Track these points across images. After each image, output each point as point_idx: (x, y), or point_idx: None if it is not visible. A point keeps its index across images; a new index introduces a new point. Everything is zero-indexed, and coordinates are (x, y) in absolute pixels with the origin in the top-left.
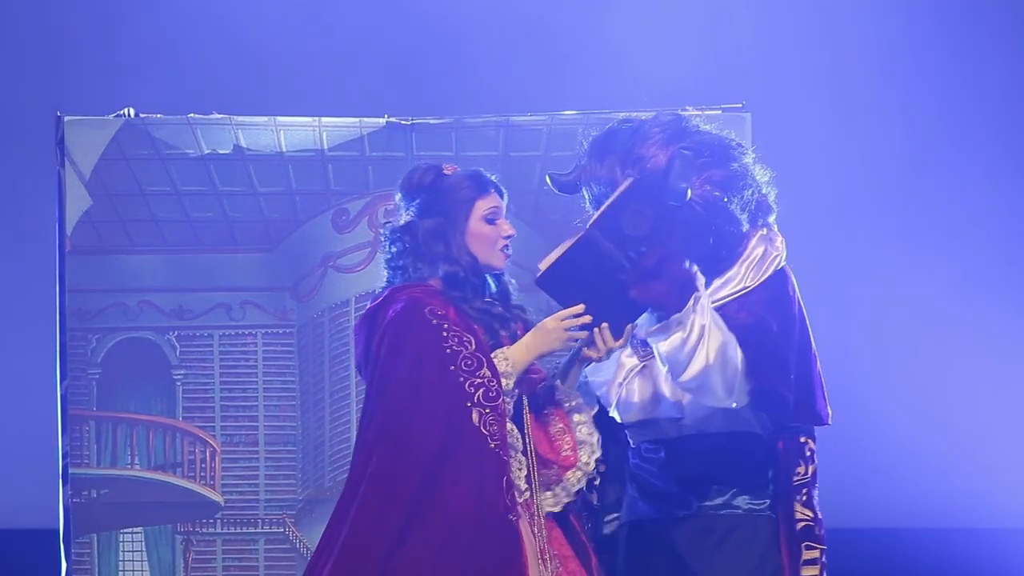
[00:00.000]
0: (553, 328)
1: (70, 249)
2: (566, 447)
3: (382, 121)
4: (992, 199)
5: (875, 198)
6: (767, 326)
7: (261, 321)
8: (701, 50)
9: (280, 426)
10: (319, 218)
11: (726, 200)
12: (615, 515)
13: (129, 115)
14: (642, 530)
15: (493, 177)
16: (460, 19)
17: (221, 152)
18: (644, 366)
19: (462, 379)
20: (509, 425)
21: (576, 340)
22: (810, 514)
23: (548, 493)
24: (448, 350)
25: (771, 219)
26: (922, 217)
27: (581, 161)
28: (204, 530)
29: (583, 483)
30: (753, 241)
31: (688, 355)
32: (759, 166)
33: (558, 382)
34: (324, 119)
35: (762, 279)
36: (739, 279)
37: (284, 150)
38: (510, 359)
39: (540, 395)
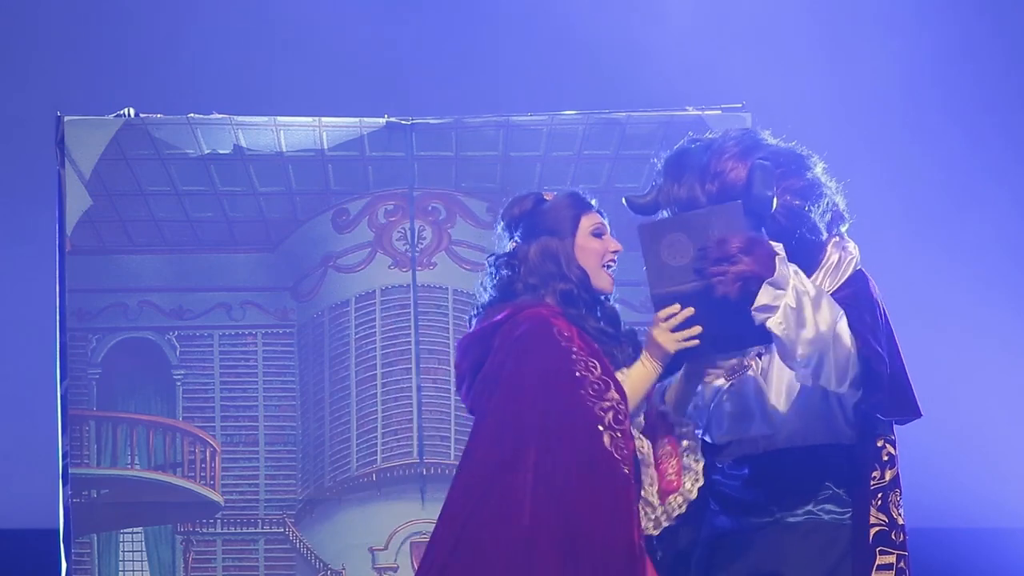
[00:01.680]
0: (662, 337)
1: (70, 249)
2: (671, 471)
3: (382, 121)
4: (997, 196)
5: (876, 197)
6: (860, 318)
7: (261, 321)
8: (701, 50)
9: (280, 426)
10: (319, 218)
11: (807, 209)
12: (689, 530)
13: (129, 115)
14: (722, 543)
15: (593, 202)
16: (460, 19)
17: (221, 152)
18: (732, 385)
19: (591, 403)
20: (638, 442)
21: (686, 341)
22: (884, 519)
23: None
24: (577, 374)
25: (843, 228)
26: (924, 216)
27: (657, 181)
28: (204, 530)
29: (684, 508)
30: (829, 248)
31: (799, 323)
32: (826, 175)
33: (669, 406)
34: (324, 119)
35: (840, 281)
36: (819, 284)
37: (284, 150)
38: (629, 378)
39: (651, 417)
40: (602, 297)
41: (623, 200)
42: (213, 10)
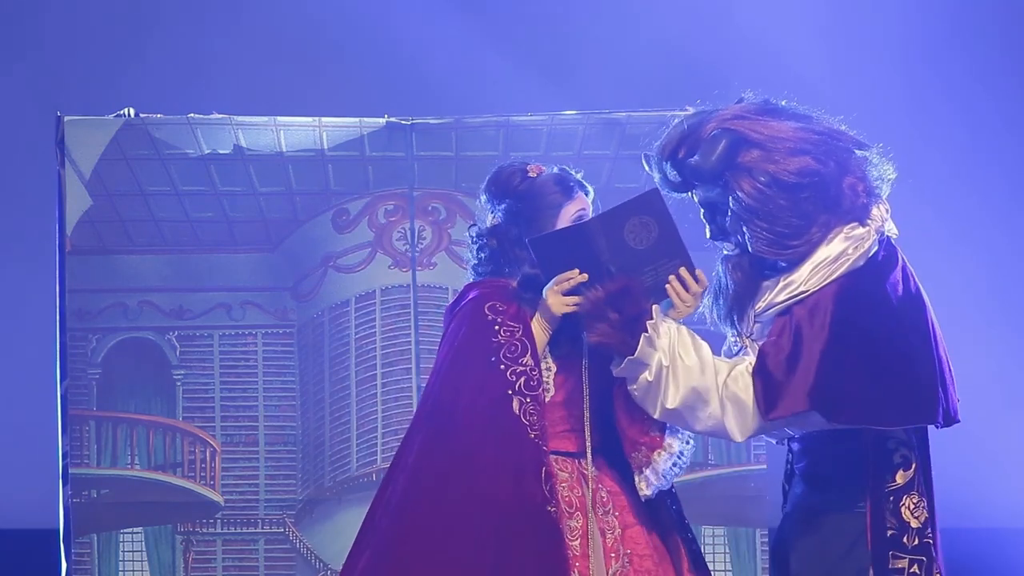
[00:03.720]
0: (549, 295)
1: (70, 249)
2: (654, 428)
3: (382, 121)
4: (1001, 190)
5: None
6: (821, 325)
7: (261, 321)
8: (701, 50)
9: (280, 426)
10: (319, 218)
11: (781, 191)
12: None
13: (129, 115)
14: (780, 525)
15: (579, 175)
16: (460, 19)
17: (221, 152)
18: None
19: (503, 367)
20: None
21: (575, 306)
22: (895, 522)
23: (639, 477)
24: (494, 341)
25: (877, 214)
26: (924, 216)
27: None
28: (204, 530)
29: (671, 465)
30: (834, 242)
31: (654, 396)
32: (882, 162)
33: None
34: (324, 119)
35: (826, 282)
36: (802, 281)
37: (284, 150)
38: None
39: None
40: None
41: (642, 158)
42: (213, 10)
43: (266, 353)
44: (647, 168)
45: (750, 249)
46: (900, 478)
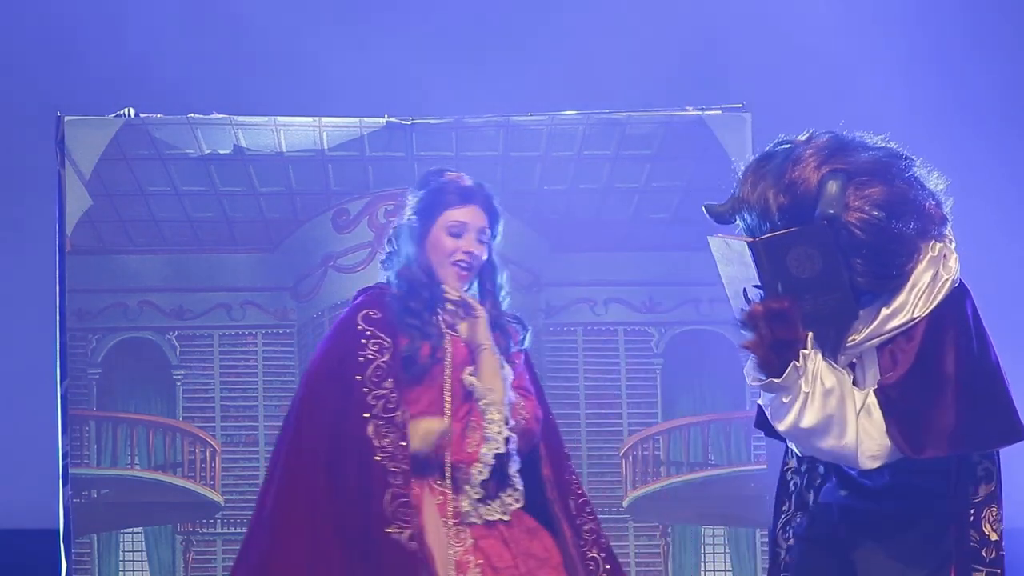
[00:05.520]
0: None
1: (70, 249)
2: (473, 444)
3: (382, 121)
4: (1005, 190)
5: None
6: (930, 361)
7: (261, 321)
8: (701, 50)
9: (280, 426)
10: (319, 218)
11: (890, 220)
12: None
13: (129, 115)
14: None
15: (496, 200)
16: (460, 19)
17: (221, 152)
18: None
19: (366, 390)
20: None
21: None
22: (976, 536)
23: (465, 496)
24: (361, 358)
25: (947, 231)
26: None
27: (736, 190)
28: (204, 530)
29: (483, 474)
30: (923, 264)
31: (785, 413)
32: (932, 174)
33: (475, 380)
34: (324, 119)
35: (935, 303)
36: (908, 308)
37: (284, 150)
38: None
39: (460, 393)
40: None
41: (703, 208)
42: (213, 10)
43: (266, 353)
44: (715, 220)
45: (859, 282)
46: (983, 491)
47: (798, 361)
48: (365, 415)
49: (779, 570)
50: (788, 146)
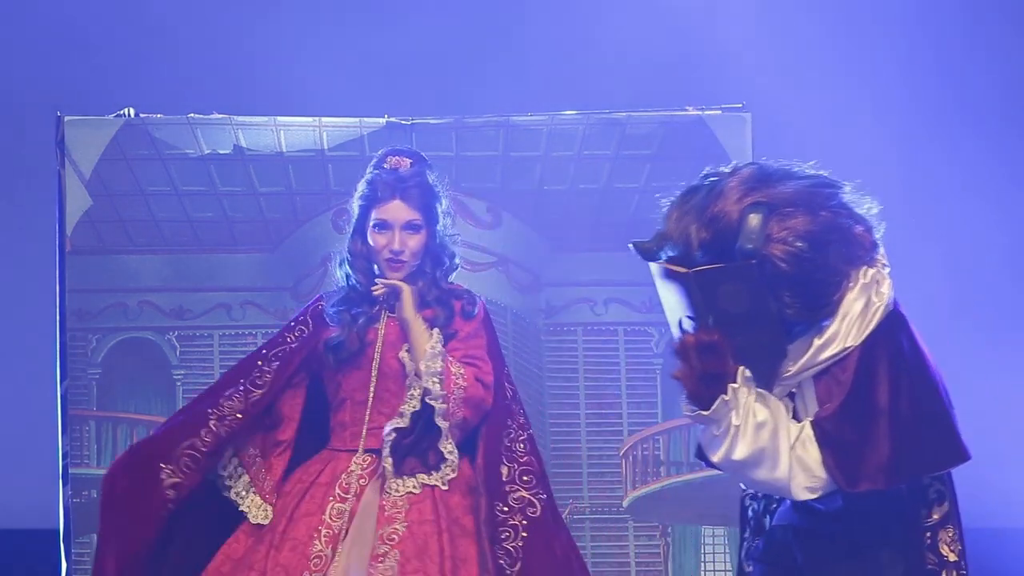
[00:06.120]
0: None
1: (70, 249)
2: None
3: (382, 121)
4: (1004, 191)
5: (876, 199)
6: (861, 392)
7: (261, 321)
8: (701, 50)
9: None
10: (319, 218)
11: (814, 250)
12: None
13: (129, 115)
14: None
15: (430, 187)
16: (460, 19)
17: (221, 152)
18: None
19: (260, 362)
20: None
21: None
22: (934, 559)
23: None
24: (280, 339)
25: (879, 255)
26: (924, 218)
27: (661, 225)
28: None
29: (386, 448)
30: (855, 292)
31: (718, 446)
32: (864, 199)
33: (405, 355)
34: (324, 119)
35: (865, 334)
36: (840, 338)
37: (284, 150)
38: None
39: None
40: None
41: (630, 246)
42: (214, 10)
43: None
44: (640, 255)
45: (788, 314)
46: (936, 514)
47: (726, 395)
48: (240, 379)
49: None
50: (714, 179)
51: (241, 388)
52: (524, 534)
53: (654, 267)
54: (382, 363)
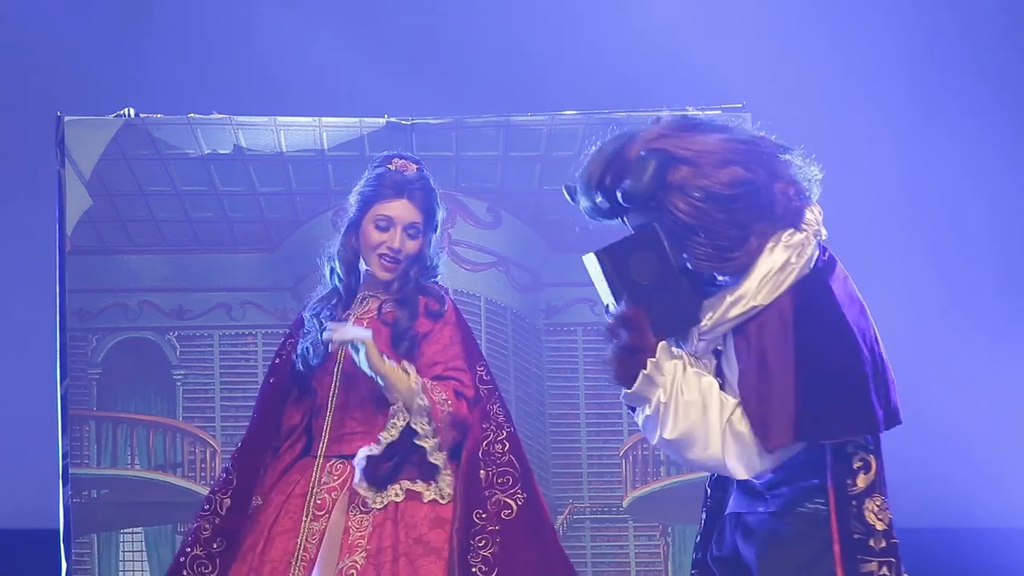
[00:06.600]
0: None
1: (70, 249)
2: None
3: (382, 121)
4: (996, 193)
5: (876, 198)
6: (773, 351)
7: (261, 321)
8: (701, 50)
9: None
10: (319, 218)
11: (715, 202)
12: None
13: (129, 115)
14: (741, 523)
15: (436, 195)
16: (460, 19)
17: (221, 152)
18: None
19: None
20: None
21: None
22: (861, 527)
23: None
24: (277, 359)
25: (810, 219)
26: (924, 217)
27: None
28: None
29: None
30: (774, 252)
31: (652, 428)
32: (808, 164)
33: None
34: (324, 119)
35: (776, 294)
36: (750, 296)
37: (284, 150)
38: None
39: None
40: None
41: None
42: (214, 10)
43: (266, 353)
44: (569, 199)
45: (690, 266)
46: (862, 482)
47: (646, 369)
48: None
49: None
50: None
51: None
52: (498, 539)
53: (584, 260)
54: (346, 366)
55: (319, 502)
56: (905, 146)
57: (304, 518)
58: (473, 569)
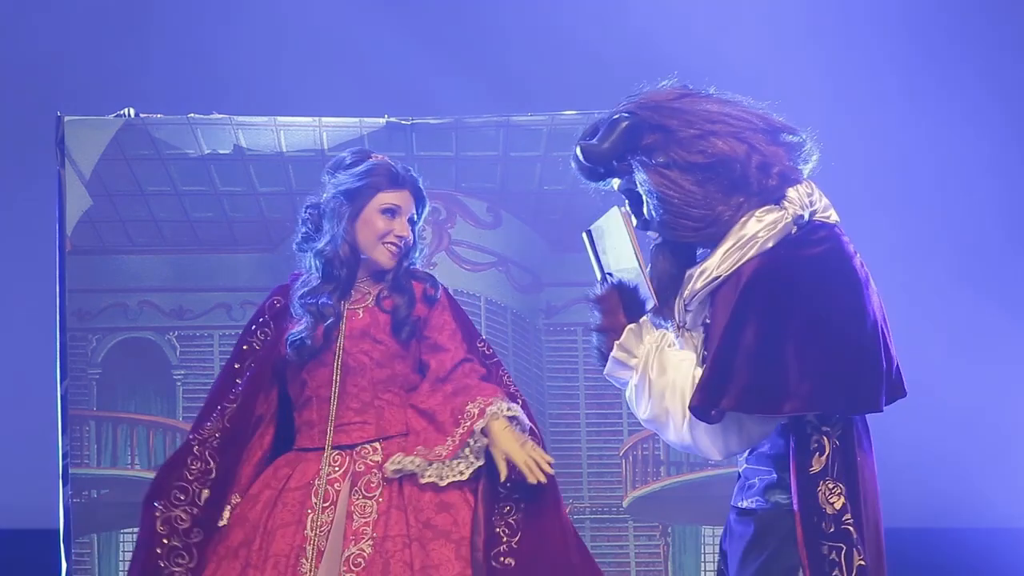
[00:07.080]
0: (517, 454)
1: (70, 249)
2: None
3: (382, 121)
4: (998, 190)
5: (876, 197)
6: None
7: None
8: (702, 50)
9: None
10: None
11: (681, 170)
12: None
13: (129, 115)
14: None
15: (420, 182)
16: (460, 19)
17: (221, 152)
18: None
19: (237, 379)
20: None
21: None
22: (815, 509)
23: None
24: (245, 346)
25: (792, 196)
26: (924, 216)
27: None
28: None
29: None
30: (743, 225)
31: (634, 406)
32: (807, 147)
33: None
34: (324, 119)
35: (735, 266)
36: (713, 267)
37: (284, 150)
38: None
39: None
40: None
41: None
42: (214, 10)
43: None
44: (573, 165)
45: (660, 234)
46: (816, 464)
47: (613, 352)
48: (222, 403)
49: None
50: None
51: (218, 409)
52: (522, 505)
53: (583, 237)
54: (345, 357)
55: (324, 494)
56: (906, 145)
57: (310, 511)
58: (497, 530)
